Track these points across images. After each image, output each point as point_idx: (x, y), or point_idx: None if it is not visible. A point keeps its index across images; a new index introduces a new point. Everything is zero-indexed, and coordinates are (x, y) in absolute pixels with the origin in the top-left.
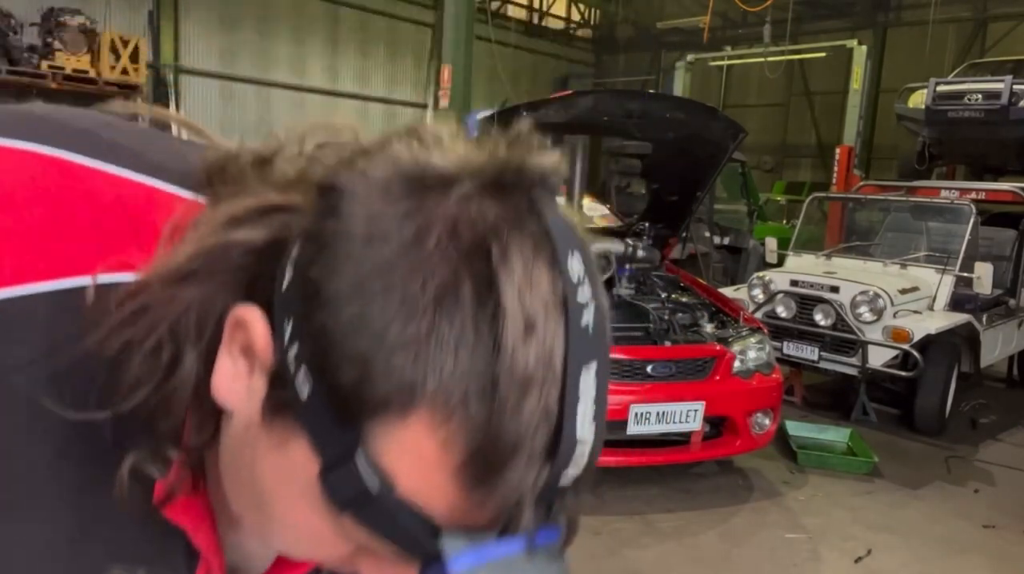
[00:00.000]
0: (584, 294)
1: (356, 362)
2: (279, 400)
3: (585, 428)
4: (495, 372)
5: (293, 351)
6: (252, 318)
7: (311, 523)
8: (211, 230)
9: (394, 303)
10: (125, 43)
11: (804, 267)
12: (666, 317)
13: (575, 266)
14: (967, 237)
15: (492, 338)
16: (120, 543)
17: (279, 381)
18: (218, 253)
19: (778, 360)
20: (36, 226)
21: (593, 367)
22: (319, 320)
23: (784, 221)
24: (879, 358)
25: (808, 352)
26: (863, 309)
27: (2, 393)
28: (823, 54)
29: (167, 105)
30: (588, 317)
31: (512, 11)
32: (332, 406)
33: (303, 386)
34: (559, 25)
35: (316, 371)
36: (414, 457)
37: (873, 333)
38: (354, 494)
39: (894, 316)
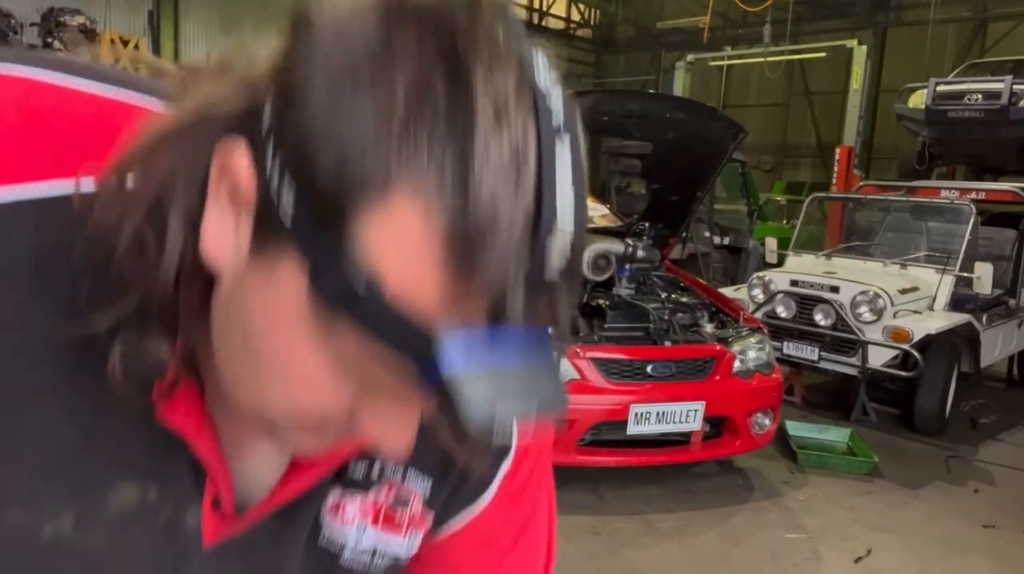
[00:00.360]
0: (551, 81)
1: (333, 154)
2: (265, 231)
3: (564, 207)
4: (469, 152)
5: (276, 169)
6: (234, 153)
7: (306, 360)
8: (188, 107)
9: (366, 93)
10: (125, 43)
11: (804, 267)
12: (666, 317)
13: (539, 58)
14: (967, 237)
15: (464, 120)
16: (125, 458)
17: (265, 214)
18: (197, 122)
19: (778, 360)
20: (11, 134)
21: (567, 142)
22: (294, 123)
23: (784, 221)
24: (879, 358)
25: (808, 352)
26: (863, 309)
27: None
28: (823, 54)
29: None
30: (556, 100)
31: None
32: (315, 211)
33: (287, 204)
34: (559, 25)
35: (295, 175)
36: (397, 247)
37: (873, 333)
38: (344, 297)
39: (894, 316)
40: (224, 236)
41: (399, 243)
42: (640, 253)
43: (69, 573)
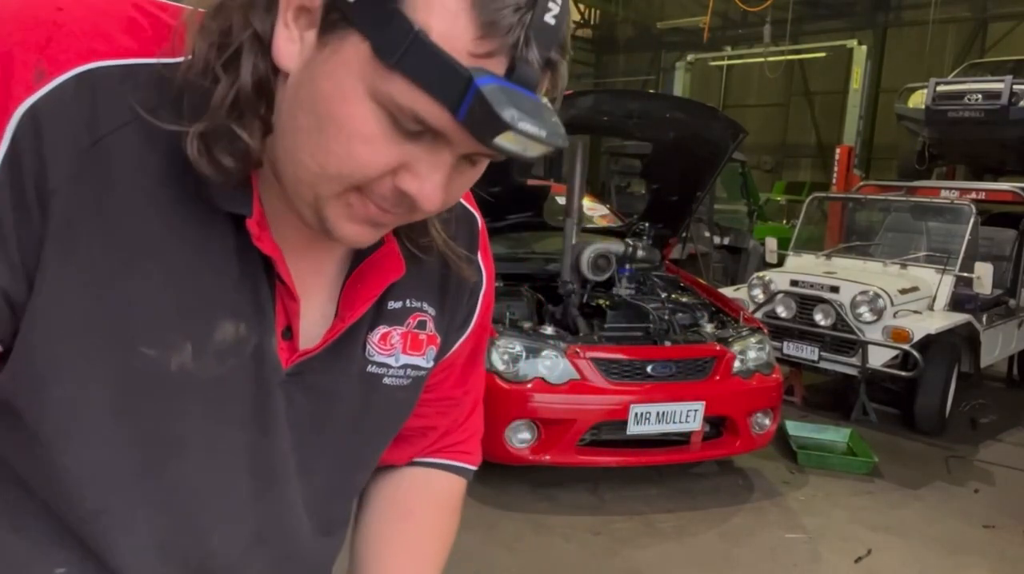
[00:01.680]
0: None
1: None
2: (330, 23)
3: None
4: None
5: None
6: None
7: (367, 118)
8: None
9: None
10: None
11: (804, 267)
12: (666, 317)
13: None
14: (967, 237)
15: None
16: (223, 301)
17: (328, 10)
18: None
19: (778, 360)
20: (115, 32)
21: None
22: None
23: (784, 221)
24: (879, 358)
25: (808, 352)
26: (863, 309)
27: (101, 154)
28: (823, 54)
29: None
30: None
31: None
32: None
33: None
34: None
35: None
36: (438, 8)
37: (873, 333)
38: (399, 49)
39: (894, 316)
40: (291, 43)
41: (440, 10)
42: (640, 253)
43: (193, 396)
